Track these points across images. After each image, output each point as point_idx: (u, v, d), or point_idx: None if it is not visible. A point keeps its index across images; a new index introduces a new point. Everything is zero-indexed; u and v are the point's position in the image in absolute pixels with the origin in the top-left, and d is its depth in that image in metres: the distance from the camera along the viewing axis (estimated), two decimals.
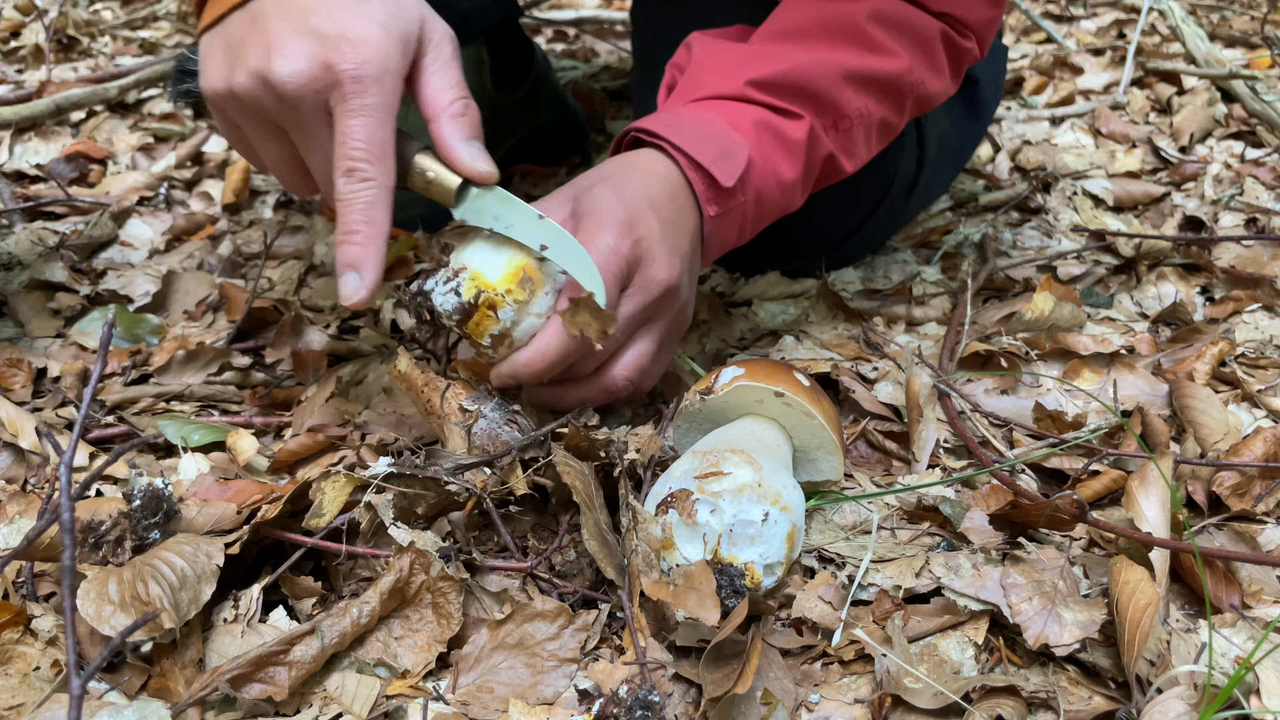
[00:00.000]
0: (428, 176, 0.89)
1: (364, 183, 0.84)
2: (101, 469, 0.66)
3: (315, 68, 0.82)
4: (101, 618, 0.73)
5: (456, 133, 0.87)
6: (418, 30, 0.87)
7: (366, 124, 0.83)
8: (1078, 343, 1.17)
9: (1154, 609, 0.75)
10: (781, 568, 0.81)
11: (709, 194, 0.98)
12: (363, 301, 0.85)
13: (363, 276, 0.85)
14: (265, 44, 0.83)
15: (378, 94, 0.83)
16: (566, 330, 0.88)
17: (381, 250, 0.86)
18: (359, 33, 0.82)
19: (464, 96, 0.89)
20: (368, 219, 0.84)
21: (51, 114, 1.83)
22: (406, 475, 0.84)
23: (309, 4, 0.84)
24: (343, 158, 0.83)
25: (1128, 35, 2.40)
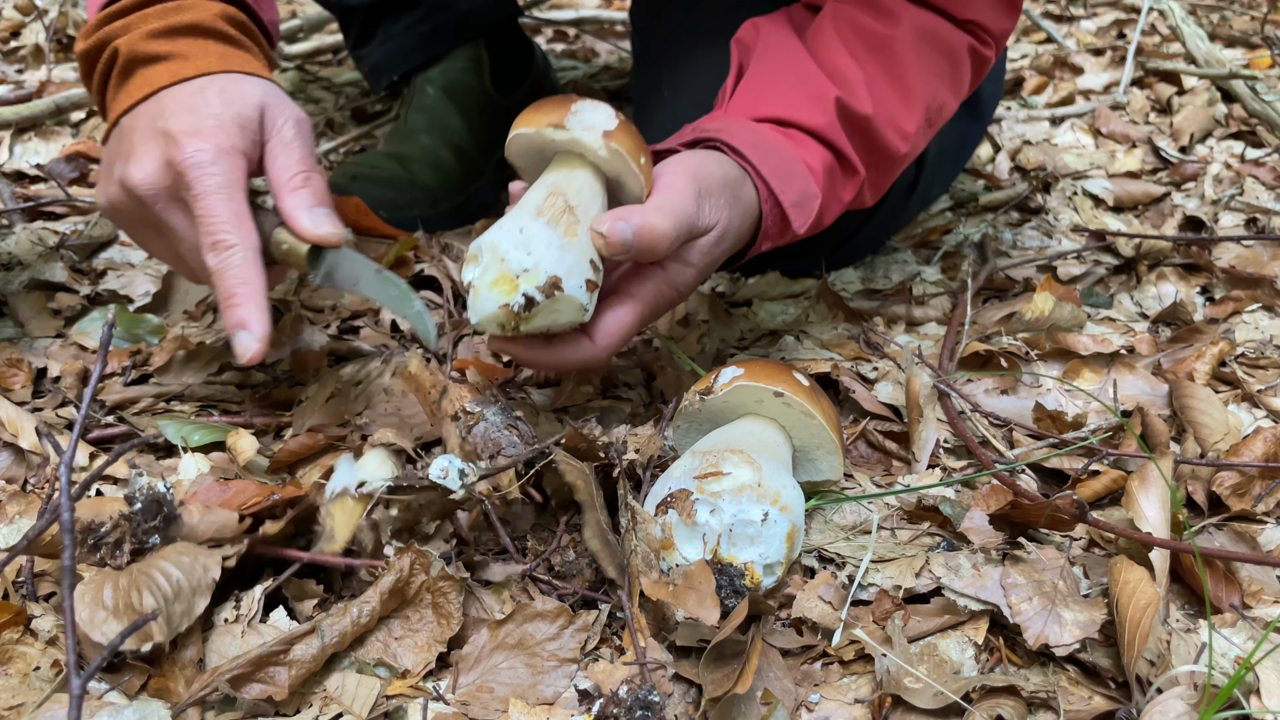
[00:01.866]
0: (283, 247, 0.97)
1: (229, 250, 0.91)
2: (101, 469, 0.66)
3: (160, 166, 0.92)
4: (94, 623, 0.73)
5: (298, 204, 0.96)
6: (256, 116, 0.96)
7: (216, 201, 0.92)
8: (1078, 343, 1.17)
9: (1154, 609, 0.75)
10: (781, 568, 0.81)
11: (774, 230, 1.02)
12: (258, 355, 0.91)
13: (252, 331, 0.91)
14: (125, 154, 0.95)
15: (219, 172, 0.92)
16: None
17: (263, 305, 0.92)
18: (193, 126, 0.92)
19: (304, 171, 0.97)
20: (242, 280, 0.92)
21: (51, 114, 1.83)
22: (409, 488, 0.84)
23: (158, 109, 0.95)
24: (205, 234, 0.92)
25: (1128, 35, 2.39)
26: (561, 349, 0.92)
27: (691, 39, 1.33)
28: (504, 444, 0.89)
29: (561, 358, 0.92)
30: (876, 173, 1.12)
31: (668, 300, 0.96)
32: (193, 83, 0.96)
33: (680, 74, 1.32)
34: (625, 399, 1.13)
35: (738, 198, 0.98)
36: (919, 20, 1.10)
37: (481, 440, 0.90)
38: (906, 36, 1.09)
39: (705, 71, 1.28)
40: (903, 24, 1.09)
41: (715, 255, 0.98)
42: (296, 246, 0.96)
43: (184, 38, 0.99)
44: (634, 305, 0.93)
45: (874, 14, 1.09)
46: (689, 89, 1.30)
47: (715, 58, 1.22)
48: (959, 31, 1.13)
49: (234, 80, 0.97)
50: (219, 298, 0.92)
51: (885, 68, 1.09)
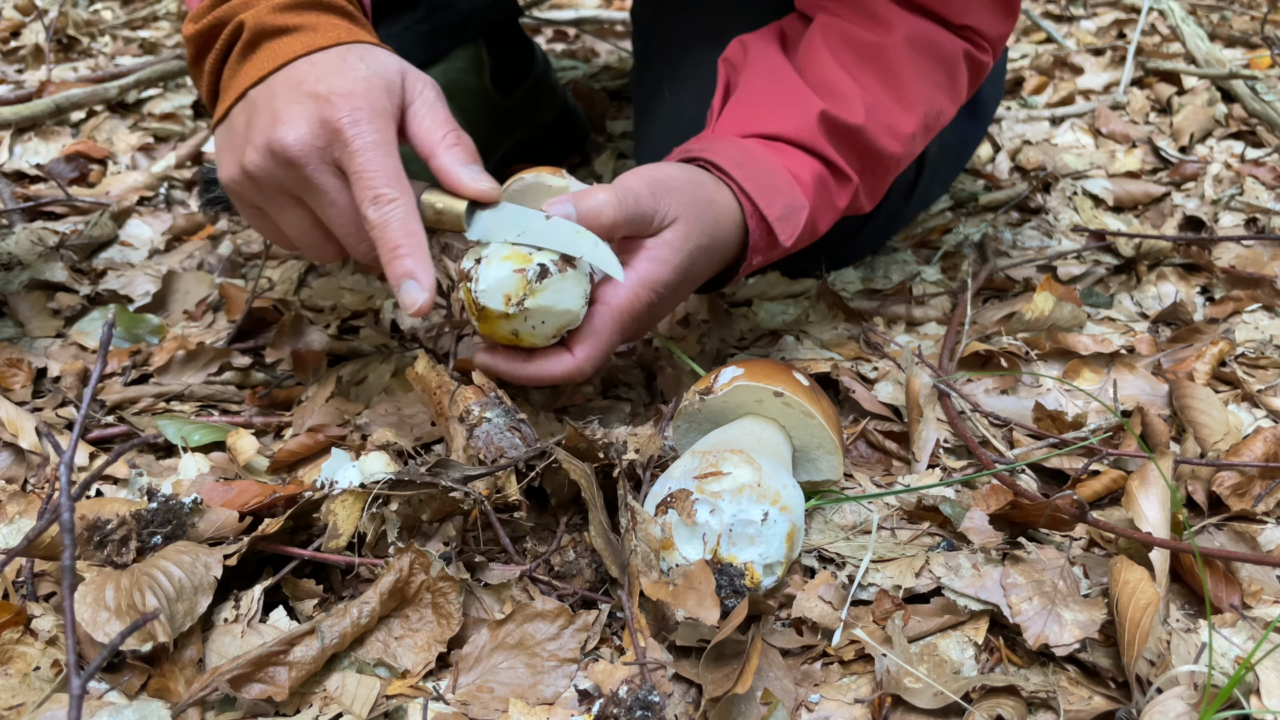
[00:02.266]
0: (437, 208, 0.94)
1: (391, 204, 0.89)
2: (101, 469, 0.65)
3: (314, 126, 0.89)
4: (97, 623, 0.73)
5: (455, 160, 0.94)
6: (399, 81, 0.95)
7: (375, 156, 0.89)
8: (1078, 343, 1.17)
9: (1154, 609, 0.75)
10: (781, 567, 0.81)
11: (761, 244, 1.02)
12: (427, 306, 0.89)
13: (421, 281, 0.89)
14: (268, 119, 0.91)
15: (376, 131, 0.90)
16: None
17: (427, 256, 0.90)
18: (345, 87, 0.91)
19: (455, 129, 0.96)
20: (406, 232, 0.90)
21: (51, 114, 1.83)
22: (409, 483, 0.84)
23: (299, 76, 0.92)
24: (364, 189, 0.89)
25: (1128, 35, 2.40)
26: (542, 362, 0.93)
27: (692, 39, 1.33)
28: (506, 446, 0.89)
29: (542, 370, 0.93)
30: (872, 179, 1.12)
31: (645, 303, 0.94)
32: (330, 51, 0.95)
33: (680, 74, 1.32)
34: (625, 399, 1.13)
35: (709, 200, 0.98)
36: (912, 28, 1.10)
37: (485, 442, 0.90)
38: (899, 44, 1.09)
39: (705, 71, 1.28)
40: (895, 32, 1.09)
41: (694, 257, 0.96)
42: (452, 205, 0.94)
43: (310, 12, 0.98)
44: (609, 312, 0.93)
45: (865, 23, 1.10)
46: (689, 89, 1.30)
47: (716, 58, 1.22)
48: (954, 38, 1.13)
49: (370, 50, 0.96)
50: (381, 252, 0.90)
51: (878, 75, 1.09)
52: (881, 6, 1.10)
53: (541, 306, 0.89)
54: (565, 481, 0.89)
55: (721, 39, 1.19)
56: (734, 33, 1.21)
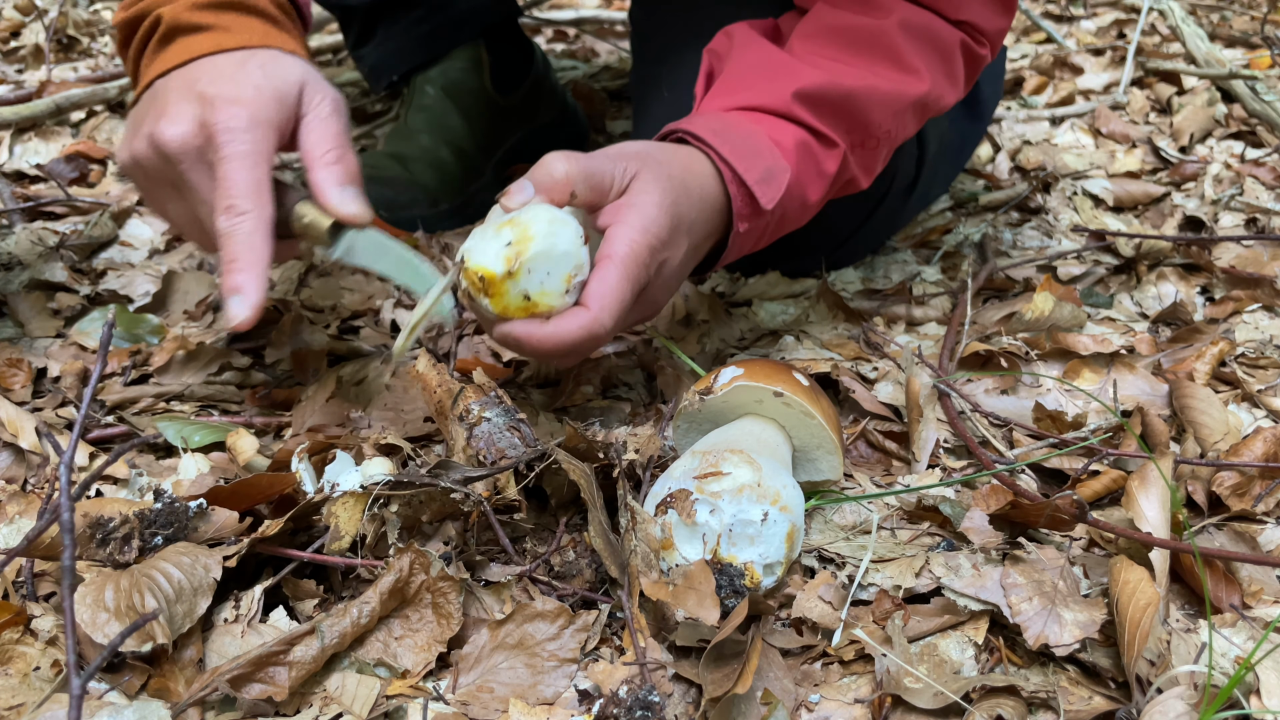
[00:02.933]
0: (304, 221, 0.97)
1: (240, 216, 0.92)
2: (101, 469, 0.65)
3: (194, 125, 0.93)
4: (96, 624, 0.73)
5: (330, 179, 0.96)
6: (295, 92, 0.97)
7: (238, 166, 0.92)
8: (1078, 343, 1.17)
9: (1154, 609, 0.75)
10: (781, 567, 0.81)
11: (744, 210, 1.01)
12: (248, 322, 0.91)
13: (246, 297, 0.91)
14: (158, 112, 0.95)
15: (248, 142, 0.92)
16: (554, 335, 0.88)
17: (262, 275, 0.92)
18: (233, 93, 0.94)
19: (338, 148, 0.98)
20: (247, 247, 0.92)
21: (51, 114, 1.83)
22: (409, 484, 0.84)
23: (197, 74, 0.96)
24: (221, 197, 0.92)
25: (1128, 35, 2.40)
26: (560, 321, 0.87)
27: (691, 38, 1.33)
28: (506, 447, 0.89)
29: (561, 329, 0.87)
30: (862, 151, 1.10)
31: (646, 248, 0.90)
32: (235, 54, 0.97)
33: (680, 73, 1.32)
34: (625, 399, 1.13)
35: (670, 154, 0.97)
36: (908, 14, 1.10)
37: (485, 443, 0.90)
38: (893, 27, 1.09)
39: None
40: (890, 16, 1.09)
41: (675, 197, 0.94)
42: (319, 220, 0.97)
43: (228, 12, 1.01)
44: (613, 262, 0.89)
45: (861, 9, 1.10)
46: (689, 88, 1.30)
47: None
48: (951, 28, 1.13)
49: (275, 56, 0.98)
50: (221, 262, 0.92)
51: (872, 49, 1.08)
52: None
53: (541, 252, 0.85)
54: (565, 482, 0.89)
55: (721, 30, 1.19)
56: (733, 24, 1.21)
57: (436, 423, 0.98)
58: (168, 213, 1.02)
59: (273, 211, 0.94)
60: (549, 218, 0.87)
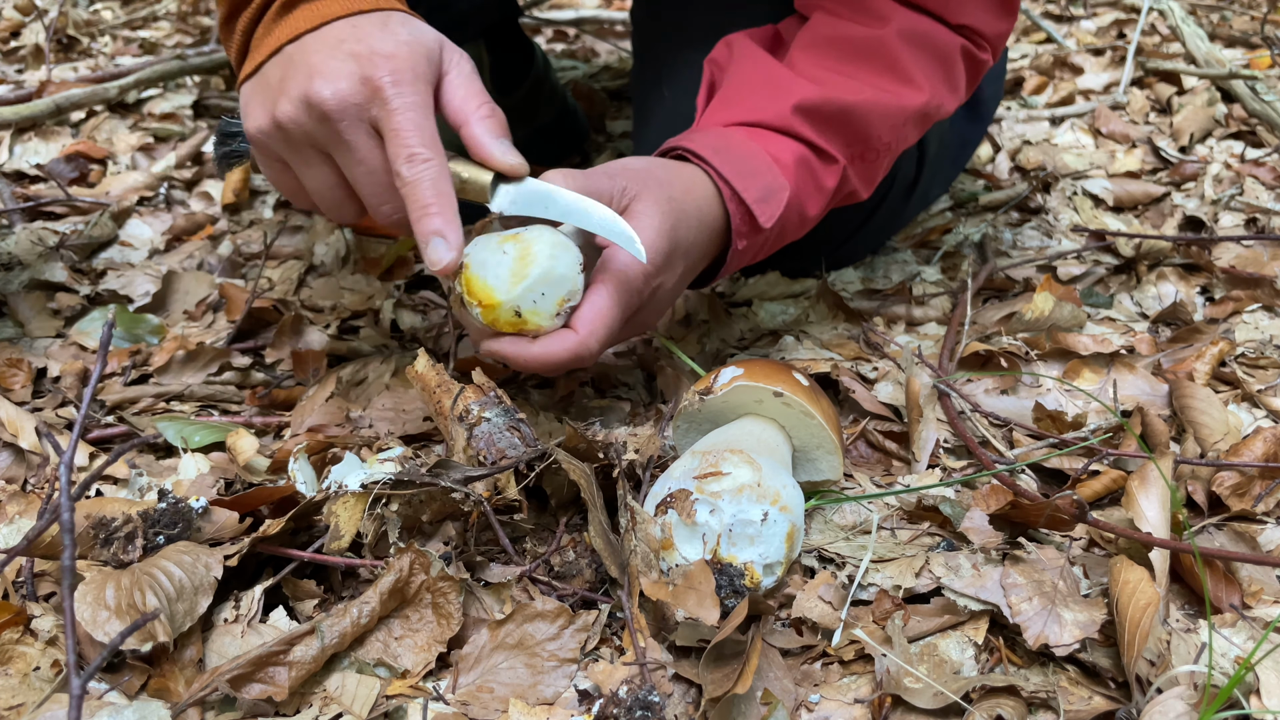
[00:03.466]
0: (462, 177, 0.95)
1: (425, 163, 0.90)
2: (101, 469, 0.65)
3: (355, 83, 0.89)
4: (97, 623, 0.73)
5: (487, 132, 0.94)
6: (438, 49, 0.95)
7: (413, 117, 0.89)
8: (1078, 343, 1.17)
9: (1154, 609, 0.75)
10: (781, 567, 0.81)
11: (743, 228, 1.02)
12: (452, 264, 0.89)
13: (448, 240, 0.90)
14: (306, 73, 0.90)
15: (416, 93, 0.90)
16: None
17: (456, 216, 0.91)
18: (387, 49, 0.90)
19: (488, 101, 0.96)
20: (436, 192, 0.90)
21: (51, 114, 1.83)
22: (410, 484, 0.84)
23: (340, 35, 0.92)
24: (400, 147, 0.89)
25: (1128, 35, 2.39)
26: (547, 342, 0.90)
27: (691, 39, 1.33)
28: (506, 447, 0.89)
29: (548, 350, 0.90)
30: (862, 164, 1.11)
31: (641, 274, 0.93)
32: (371, 15, 0.95)
33: (680, 74, 1.32)
34: (625, 399, 1.13)
35: (672, 174, 0.97)
36: (907, 22, 1.10)
37: (485, 443, 0.90)
38: (893, 36, 1.09)
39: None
40: (890, 25, 1.09)
41: (674, 222, 0.95)
42: (478, 176, 0.95)
43: None
44: (605, 286, 0.92)
45: (861, 18, 1.10)
46: (689, 88, 1.30)
47: None
48: (951, 34, 1.13)
49: (410, 17, 0.96)
50: (411, 209, 0.90)
51: (872, 62, 1.09)
52: (878, 3, 1.10)
53: (541, 275, 0.88)
54: (565, 482, 0.89)
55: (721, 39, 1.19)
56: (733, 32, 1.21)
57: (436, 423, 0.98)
58: (306, 180, 0.97)
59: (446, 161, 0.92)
60: (552, 241, 0.89)
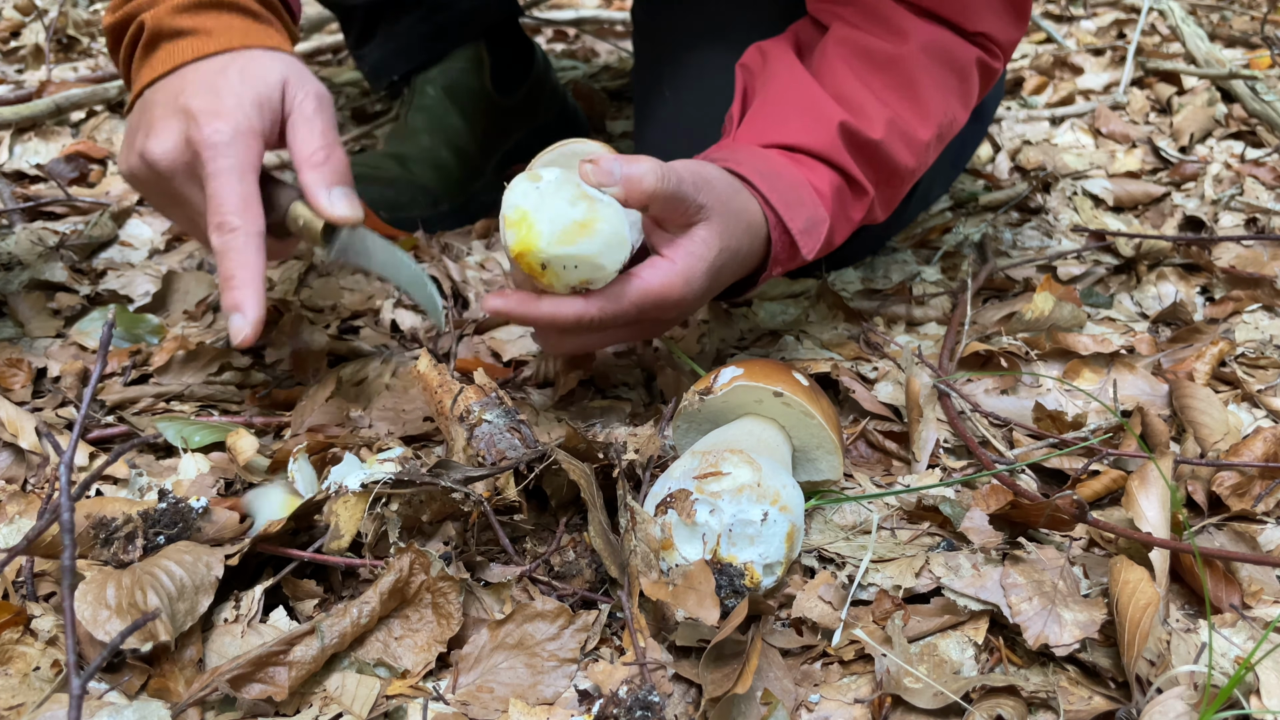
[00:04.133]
0: (299, 222, 0.98)
1: (231, 232, 0.93)
2: (101, 469, 0.65)
3: (180, 142, 0.94)
4: (97, 622, 0.73)
5: (318, 181, 0.97)
6: (278, 93, 0.98)
7: (225, 182, 0.93)
8: (1078, 343, 1.17)
9: (1154, 609, 0.75)
10: (781, 567, 0.81)
11: (783, 255, 1.03)
12: (250, 339, 0.92)
13: (245, 315, 0.92)
14: (146, 127, 0.96)
15: (233, 155, 0.93)
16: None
17: (259, 290, 0.93)
18: (214, 106, 0.94)
19: (325, 146, 0.98)
20: (241, 263, 0.93)
21: (51, 114, 1.83)
22: (410, 483, 0.84)
23: (180, 85, 0.97)
24: (212, 214, 0.93)
25: (1128, 35, 2.39)
26: (556, 302, 0.91)
27: (692, 38, 1.33)
28: (506, 448, 0.89)
29: (556, 309, 0.91)
30: (888, 189, 1.13)
31: (676, 295, 0.93)
32: (215, 60, 0.98)
33: (681, 73, 1.32)
34: (625, 399, 1.13)
35: (742, 207, 0.98)
36: (927, 36, 1.10)
37: (485, 444, 0.90)
38: (915, 54, 1.09)
39: (706, 71, 1.28)
40: (910, 41, 1.09)
41: (724, 259, 0.96)
42: (313, 222, 0.98)
43: (208, 12, 1.01)
44: (639, 285, 0.92)
45: (881, 32, 1.10)
46: (690, 88, 1.30)
47: (716, 57, 1.22)
48: (967, 45, 1.13)
49: (255, 58, 0.98)
50: (219, 278, 0.94)
51: (894, 86, 1.09)
52: (896, 14, 1.10)
53: (592, 254, 0.87)
54: (565, 482, 0.89)
55: (722, 39, 1.19)
56: (735, 33, 1.21)
57: (436, 422, 0.98)
58: (171, 217, 1.05)
59: (262, 224, 0.94)
60: (613, 229, 0.88)
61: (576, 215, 0.87)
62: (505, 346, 1.20)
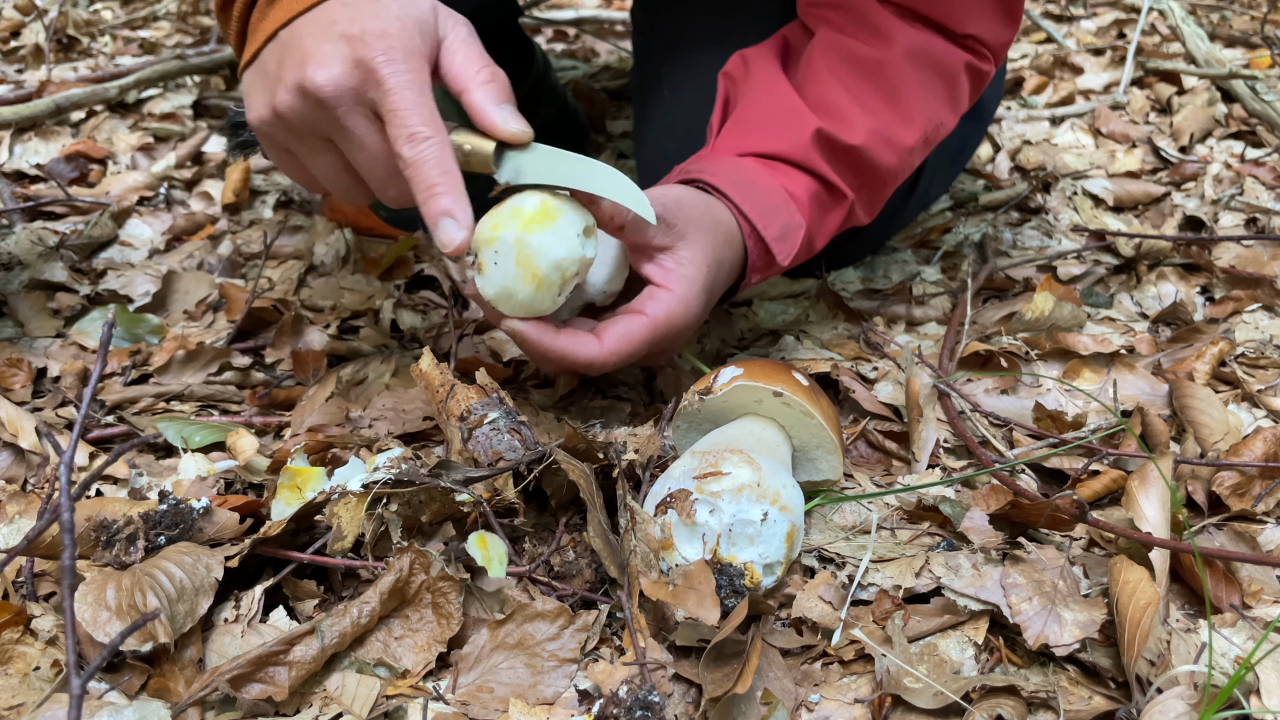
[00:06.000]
0: (465, 150, 0.92)
1: (425, 142, 0.88)
2: (101, 469, 0.65)
3: (348, 66, 0.87)
4: (97, 623, 0.73)
5: (487, 98, 0.91)
6: (432, 18, 0.92)
7: (409, 95, 0.87)
8: (1078, 343, 1.17)
9: (1154, 609, 0.75)
10: (781, 567, 0.81)
11: (759, 263, 1.04)
12: (464, 243, 0.88)
13: (458, 219, 0.88)
14: (299, 60, 0.88)
15: (410, 70, 0.88)
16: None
17: (464, 194, 0.89)
18: (379, 27, 0.88)
19: (489, 65, 0.93)
20: (442, 170, 0.88)
21: (51, 114, 1.83)
22: (409, 484, 0.84)
23: (330, 16, 0.89)
24: (400, 128, 0.87)
25: (1128, 35, 2.39)
26: (571, 340, 0.92)
27: (692, 39, 1.33)
28: (504, 449, 0.89)
29: (569, 348, 0.92)
30: (869, 193, 1.13)
31: (681, 321, 0.96)
32: None
33: (680, 74, 1.32)
34: (625, 399, 1.13)
35: (716, 220, 0.99)
36: (913, 41, 1.11)
37: (483, 444, 0.90)
38: (899, 59, 1.10)
39: (705, 72, 1.28)
40: (895, 46, 1.10)
41: (713, 274, 0.99)
42: (481, 146, 0.91)
43: None
44: (648, 323, 0.95)
45: (866, 36, 1.10)
46: (689, 89, 1.30)
47: (716, 58, 1.22)
48: (955, 49, 1.14)
49: None
50: (416, 191, 0.89)
51: (877, 91, 1.10)
52: (882, 19, 1.10)
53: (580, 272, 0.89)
54: (565, 482, 0.89)
55: (722, 40, 1.19)
56: (734, 34, 1.21)
57: (438, 421, 0.98)
58: (312, 167, 0.96)
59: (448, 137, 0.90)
60: (615, 259, 0.91)
61: (576, 230, 0.89)
62: (505, 346, 1.20)
